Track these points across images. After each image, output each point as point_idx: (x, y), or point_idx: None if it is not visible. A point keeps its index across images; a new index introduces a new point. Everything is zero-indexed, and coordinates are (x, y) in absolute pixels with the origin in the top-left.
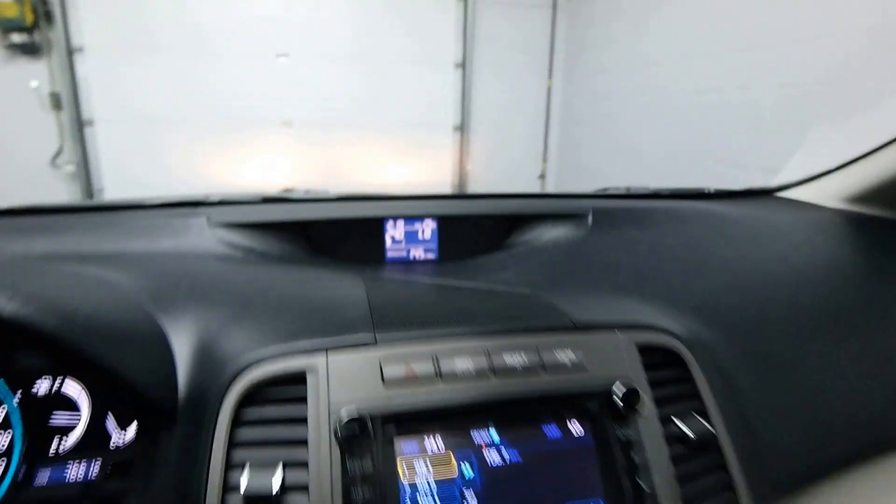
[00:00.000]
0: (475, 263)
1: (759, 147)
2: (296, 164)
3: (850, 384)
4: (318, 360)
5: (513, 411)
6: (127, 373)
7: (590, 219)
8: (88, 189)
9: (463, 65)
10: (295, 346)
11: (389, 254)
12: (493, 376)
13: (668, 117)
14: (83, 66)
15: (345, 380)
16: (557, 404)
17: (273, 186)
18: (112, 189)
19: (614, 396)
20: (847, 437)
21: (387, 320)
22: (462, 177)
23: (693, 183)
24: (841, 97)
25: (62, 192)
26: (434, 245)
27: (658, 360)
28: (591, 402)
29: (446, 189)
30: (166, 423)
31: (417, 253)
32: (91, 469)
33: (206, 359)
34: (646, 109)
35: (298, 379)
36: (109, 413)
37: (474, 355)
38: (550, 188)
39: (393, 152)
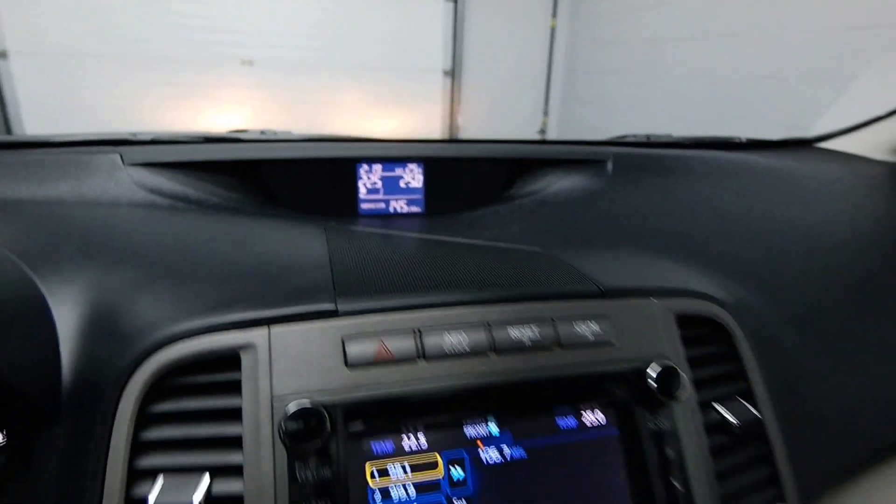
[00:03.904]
0: (470, 218)
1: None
2: (257, 111)
3: None
4: (257, 336)
5: (519, 399)
6: None
7: (610, 166)
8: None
9: None
10: (225, 317)
11: (364, 206)
12: (494, 354)
13: (693, 66)
14: None
15: (293, 361)
16: (577, 389)
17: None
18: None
19: (648, 379)
20: None
21: (353, 285)
22: (452, 130)
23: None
24: None
25: None
26: (420, 196)
27: (699, 334)
28: (619, 387)
29: None
30: (44, 423)
31: (399, 205)
32: None
33: (102, 334)
34: (665, 59)
35: (230, 361)
36: None
37: (469, 328)
38: None
39: (372, 100)
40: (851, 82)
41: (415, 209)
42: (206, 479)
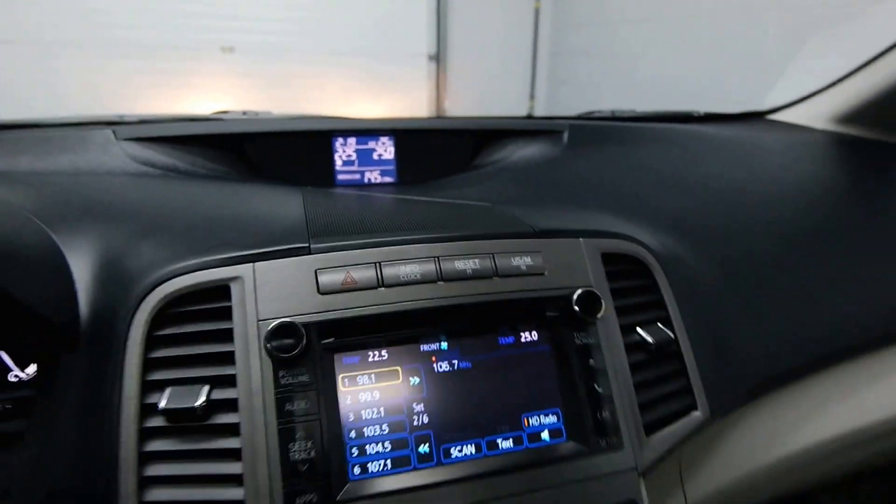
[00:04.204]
0: (437, 184)
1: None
2: (239, 99)
3: (821, 298)
4: (244, 270)
5: (464, 319)
6: (17, 293)
7: (565, 136)
8: None
9: None
10: (216, 256)
11: (340, 177)
12: (442, 282)
13: (682, 43)
14: None
15: (275, 290)
16: (514, 311)
17: None
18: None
19: (573, 303)
20: (810, 348)
21: (323, 229)
22: (439, 114)
23: None
24: None
25: None
26: (392, 167)
27: (624, 269)
28: (548, 309)
29: None
30: (67, 349)
31: (373, 175)
32: None
33: (111, 277)
34: (653, 37)
35: (221, 292)
36: (3, 351)
37: (421, 261)
38: None
39: (356, 86)
40: (796, 57)
41: (388, 179)
42: (206, 387)
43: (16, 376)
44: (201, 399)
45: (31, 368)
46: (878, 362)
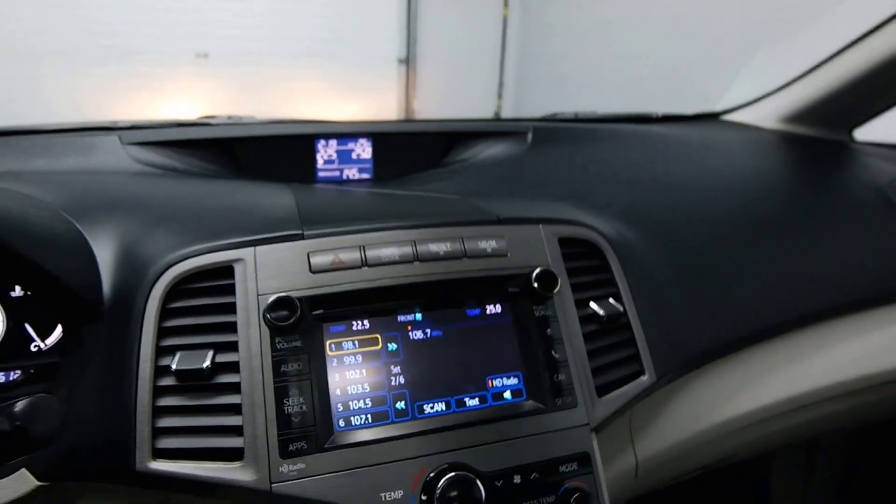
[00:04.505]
0: (410, 179)
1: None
2: (214, 101)
3: (754, 281)
4: (246, 253)
5: (437, 294)
6: (53, 269)
7: (529, 137)
8: None
9: None
10: (222, 242)
11: (321, 173)
12: (418, 262)
13: (636, 50)
14: None
15: (272, 269)
16: (479, 286)
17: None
18: None
19: (533, 280)
20: (744, 324)
21: (314, 218)
22: (408, 115)
23: None
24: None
25: None
26: (369, 165)
27: (579, 252)
28: (511, 285)
29: None
30: (91, 320)
31: (351, 173)
32: (11, 375)
33: (130, 260)
34: (611, 43)
35: (226, 271)
36: (27, 325)
37: (400, 244)
38: None
39: (328, 88)
40: (748, 64)
41: (365, 176)
42: (211, 352)
43: (36, 346)
44: (207, 361)
45: (52, 339)
46: (809, 339)
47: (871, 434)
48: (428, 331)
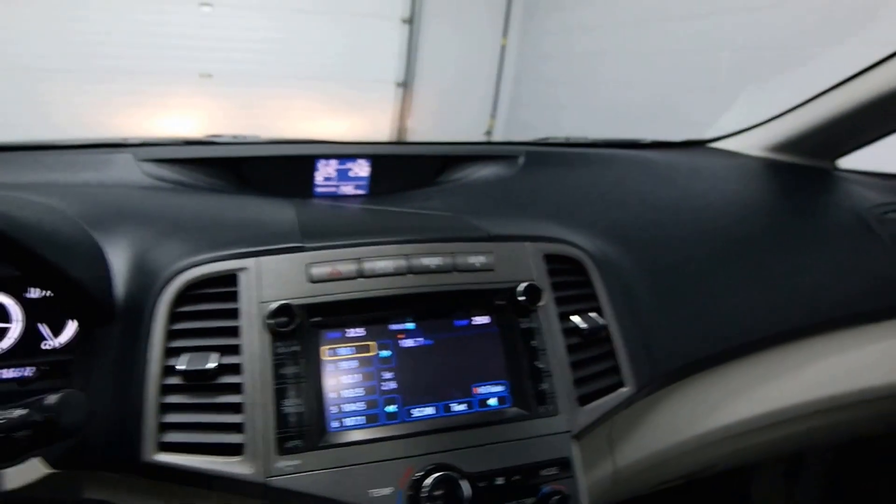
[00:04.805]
0: (403, 196)
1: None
2: (217, 121)
3: (731, 299)
4: (249, 262)
5: (428, 305)
6: (76, 274)
7: (521, 160)
8: None
9: (411, 20)
10: (227, 252)
11: (319, 189)
12: (411, 274)
13: (628, 78)
14: None
15: (274, 278)
16: (468, 299)
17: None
18: None
19: (518, 294)
20: (721, 340)
21: (314, 231)
22: (401, 133)
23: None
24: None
25: None
26: (365, 182)
27: (563, 268)
28: (497, 298)
29: None
30: (104, 321)
31: (348, 189)
32: (25, 371)
33: (142, 267)
34: (601, 70)
35: (230, 279)
36: (42, 324)
37: (394, 258)
38: None
39: (324, 108)
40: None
41: (360, 192)
42: (216, 354)
43: (50, 344)
44: (212, 363)
45: (64, 338)
46: (788, 357)
47: (853, 446)
48: (419, 339)
